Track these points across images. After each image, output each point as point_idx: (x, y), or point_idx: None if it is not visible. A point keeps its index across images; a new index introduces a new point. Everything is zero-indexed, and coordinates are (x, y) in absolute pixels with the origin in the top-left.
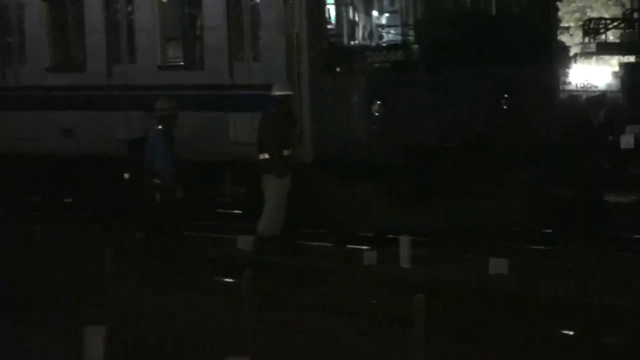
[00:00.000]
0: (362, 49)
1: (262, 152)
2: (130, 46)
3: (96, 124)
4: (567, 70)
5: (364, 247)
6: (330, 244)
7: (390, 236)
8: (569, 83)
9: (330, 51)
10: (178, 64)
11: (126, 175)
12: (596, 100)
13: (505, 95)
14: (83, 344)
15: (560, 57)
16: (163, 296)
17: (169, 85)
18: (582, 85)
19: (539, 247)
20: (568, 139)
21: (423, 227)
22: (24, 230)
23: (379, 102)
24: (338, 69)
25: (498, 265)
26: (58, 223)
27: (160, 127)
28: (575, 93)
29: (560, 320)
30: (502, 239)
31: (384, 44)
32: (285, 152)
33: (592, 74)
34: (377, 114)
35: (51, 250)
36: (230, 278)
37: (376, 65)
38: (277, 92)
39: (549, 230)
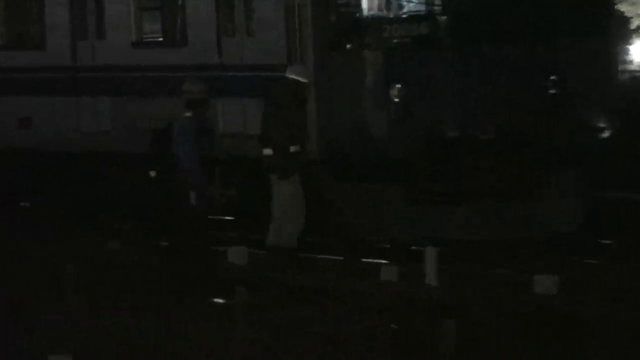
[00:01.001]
0: (378, 22)
1: (266, 146)
2: (99, 18)
3: (57, 113)
4: (629, 46)
5: (382, 261)
6: (341, 257)
7: (412, 248)
8: (631, 62)
9: (339, 24)
10: (156, 40)
11: (152, 174)
12: None
13: (552, 78)
14: None
15: (620, 30)
16: (138, 320)
17: (144, 65)
18: None
19: (594, 260)
20: (629, 129)
21: (451, 236)
22: None
23: (398, 86)
24: (348, 46)
25: (545, 284)
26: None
27: (188, 113)
28: (639, 74)
29: (618, 350)
30: (549, 252)
31: (404, 15)
32: (293, 148)
33: None
34: (396, 99)
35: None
36: (220, 299)
37: (395, 41)
38: (290, 75)
39: (607, 241)
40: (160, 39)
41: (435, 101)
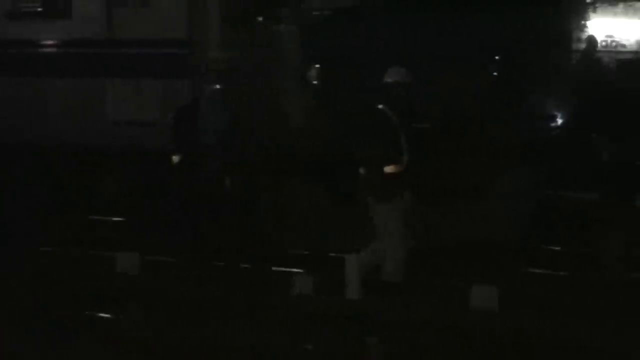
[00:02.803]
0: None
1: (363, 165)
2: None
3: None
4: (584, 23)
5: (295, 270)
6: (247, 265)
7: (331, 254)
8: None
9: None
10: (34, 9)
11: (175, 159)
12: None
13: (496, 57)
14: None
15: (574, 4)
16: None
17: (20, 40)
18: (604, 43)
19: (542, 270)
20: (584, 118)
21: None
22: None
23: (317, 66)
24: (259, 19)
25: (484, 296)
26: None
27: (217, 86)
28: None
29: None
30: (489, 260)
31: None
32: (390, 169)
33: (618, 28)
34: (315, 82)
35: None
36: (106, 314)
37: (313, 12)
38: (390, 79)
39: (557, 248)
40: (39, 9)
41: (360, 83)
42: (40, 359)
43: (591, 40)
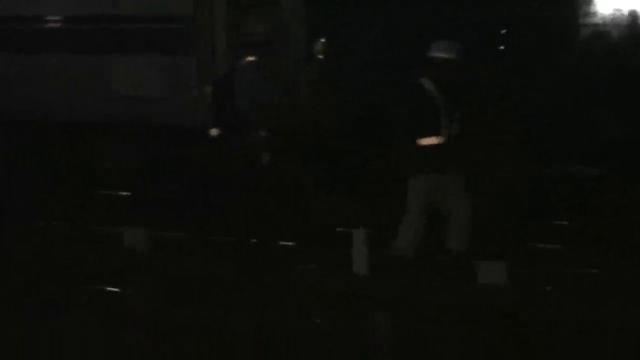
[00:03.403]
0: None
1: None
2: None
3: None
4: None
5: (298, 246)
6: (252, 241)
7: (339, 229)
8: (593, 14)
9: None
10: None
11: (213, 132)
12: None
13: (502, 32)
14: None
15: None
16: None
17: (24, 16)
18: (611, 16)
19: (550, 245)
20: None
21: (378, 219)
22: None
23: (322, 40)
24: None
25: (491, 272)
26: None
27: (252, 57)
28: (602, 28)
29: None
30: (498, 237)
31: None
32: (425, 141)
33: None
34: (320, 56)
35: None
36: (112, 287)
37: None
38: (435, 54)
39: (564, 222)
40: None
41: (361, 62)
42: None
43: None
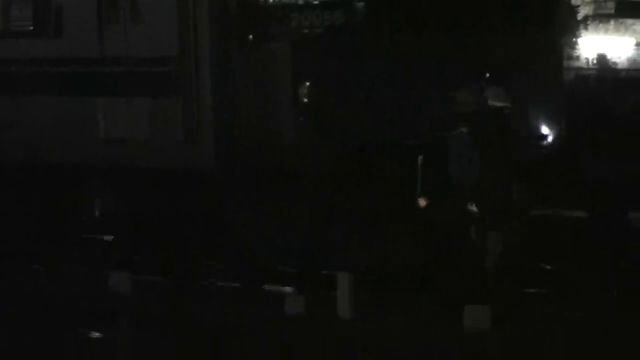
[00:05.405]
0: (284, 9)
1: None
2: None
3: None
4: (574, 39)
5: (287, 288)
6: (237, 284)
7: (324, 272)
8: (577, 58)
9: (239, 11)
10: (25, 29)
11: (422, 202)
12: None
13: (487, 75)
14: None
15: (565, 20)
16: None
17: (12, 59)
18: (594, 61)
19: (538, 290)
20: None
21: (370, 261)
22: None
23: (308, 84)
24: (250, 37)
25: (475, 316)
26: None
27: (463, 129)
28: (584, 72)
29: None
30: (483, 280)
31: (315, 2)
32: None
33: (609, 45)
34: (306, 99)
35: None
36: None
37: (304, 30)
38: (491, 103)
39: (548, 267)
40: (31, 28)
41: (354, 102)
42: None
43: None
